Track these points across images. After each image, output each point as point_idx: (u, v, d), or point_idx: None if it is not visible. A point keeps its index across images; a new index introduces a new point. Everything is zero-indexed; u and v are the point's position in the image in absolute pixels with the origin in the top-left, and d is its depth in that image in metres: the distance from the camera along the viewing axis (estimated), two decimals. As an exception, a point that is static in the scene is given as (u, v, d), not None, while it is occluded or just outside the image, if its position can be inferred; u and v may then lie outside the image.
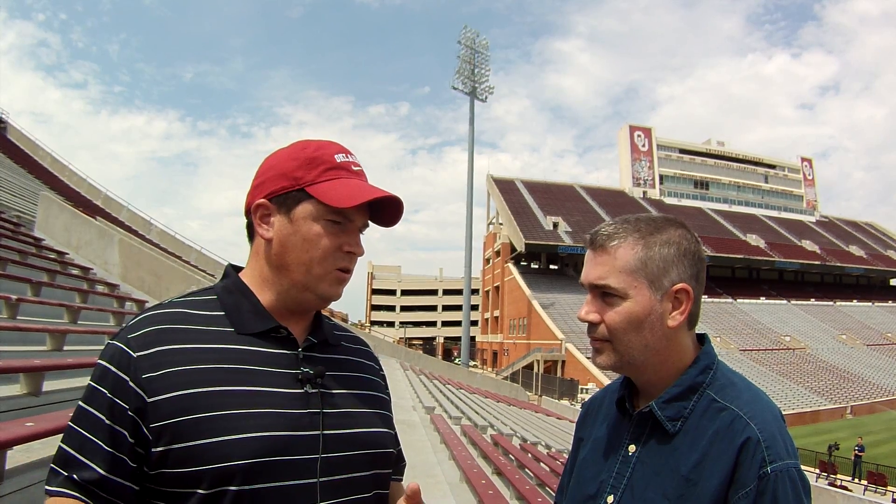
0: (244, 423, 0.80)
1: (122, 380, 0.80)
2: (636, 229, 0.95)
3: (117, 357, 0.82)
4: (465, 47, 53.94)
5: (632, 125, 71.59)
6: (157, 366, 0.81)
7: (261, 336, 0.88)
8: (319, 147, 0.92)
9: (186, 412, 0.79)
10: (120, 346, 0.83)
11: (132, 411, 0.79)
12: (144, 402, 0.79)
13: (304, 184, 0.88)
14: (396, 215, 0.95)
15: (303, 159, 0.90)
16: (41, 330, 5.65)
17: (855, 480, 19.16)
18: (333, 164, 0.91)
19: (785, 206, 76.59)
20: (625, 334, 0.94)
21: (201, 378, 0.81)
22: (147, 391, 0.80)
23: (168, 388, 0.80)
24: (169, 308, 0.88)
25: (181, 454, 0.78)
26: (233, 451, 0.78)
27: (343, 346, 1.00)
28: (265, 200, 0.90)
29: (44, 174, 24.25)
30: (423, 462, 6.92)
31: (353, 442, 0.88)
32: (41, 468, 2.86)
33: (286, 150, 0.93)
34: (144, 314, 0.87)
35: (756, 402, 0.92)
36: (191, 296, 0.91)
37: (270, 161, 0.93)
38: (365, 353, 1.04)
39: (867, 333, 53.56)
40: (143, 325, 0.85)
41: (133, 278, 11.27)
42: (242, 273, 0.95)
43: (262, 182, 0.91)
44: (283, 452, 0.81)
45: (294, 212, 0.88)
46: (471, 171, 52.57)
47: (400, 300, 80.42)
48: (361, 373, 0.99)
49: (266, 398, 0.83)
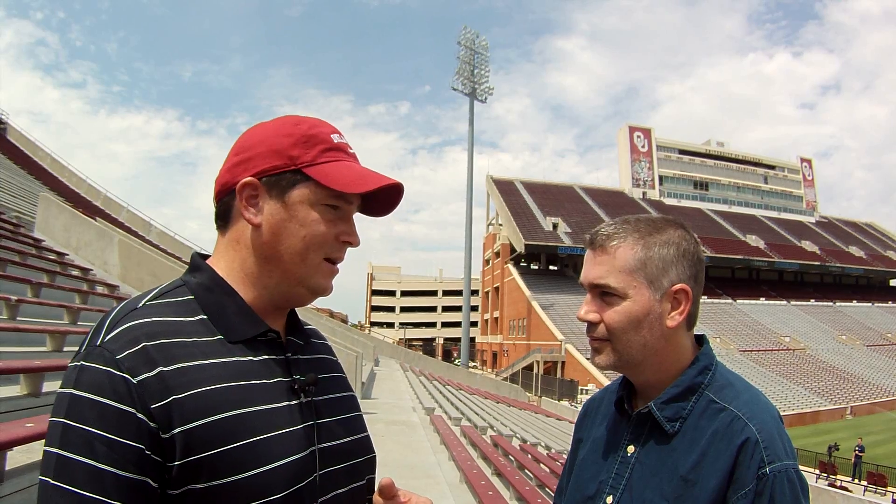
0: (276, 450, 0.71)
1: (126, 414, 0.64)
2: (636, 230, 0.96)
3: (108, 385, 0.64)
4: (464, 48, 53.98)
5: (631, 125, 71.58)
6: (165, 391, 0.66)
7: (250, 342, 0.77)
8: (314, 125, 0.82)
9: (218, 444, 0.67)
10: (107, 371, 0.65)
11: (151, 451, 0.65)
12: (160, 439, 0.65)
13: (301, 164, 0.78)
14: (392, 204, 0.86)
15: (298, 136, 0.79)
16: (41, 331, 5.65)
17: (855, 481, 19.14)
18: (332, 144, 0.81)
19: (784, 206, 76.60)
20: (624, 334, 0.94)
21: (216, 402, 0.69)
22: (161, 425, 0.65)
23: (187, 419, 0.66)
24: (148, 315, 0.72)
25: (211, 494, 0.66)
26: (273, 481, 0.69)
27: (313, 344, 0.91)
28: (254, 179, 0.77)
29: (43, 175, 24.25)
30: (423, 463, 6.92)
31: (345, 454, 0.82)
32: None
33: (274, 124, 0.82)
34: (122, 325, 0.70)
35: (755, 403, 0.92)
36: (163, 296, 0.76)
37: (255, 136, 0.80)
38: (328, 348, 0.95)
39: (867, 334, 53.54)
40: (129, 340, 0.68)
41: (132, 279, 11.26)
42: (215, 264, 0.81)
43: (248, 159, 0.79)
44: (303, 477, 0.74)
45: (289, 195, 0.78)
46: (470, 172, 52.62)
47: (400, 301, 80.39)
48: (334, 372, 0.92)
49: (278, 417, 0.74)
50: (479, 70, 54.40)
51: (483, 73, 54.48)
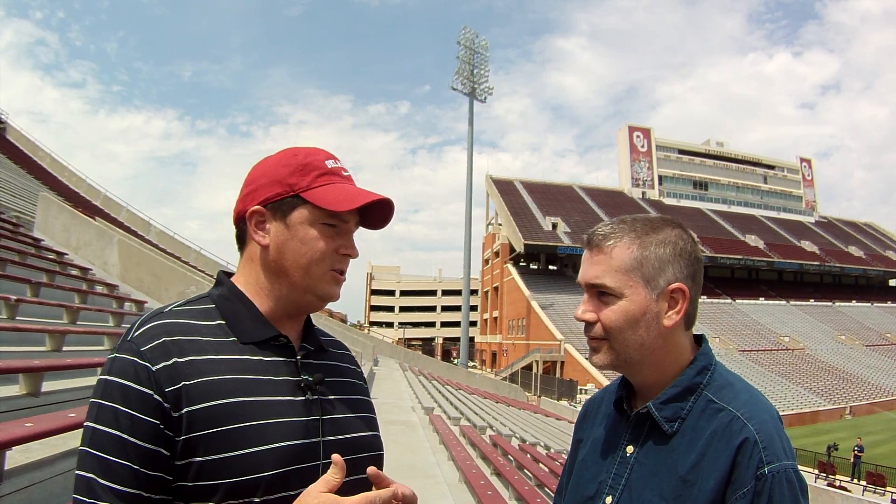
0: (268, 434, 0.80)
1: (145, 395, 0.77)
2: (632, 229, 0.96)
3: (133, 371, 0.79)
4: (464, 48, 53.97)
5: (631, 125, 71.61)
6: (177, 378, 0.79)
7: (261, 344, 0.88)
8: (310, 154, 0.93)
9: (215, 424, 0.78)
10: (132, 360, 0.79)
11: (164, 426, 0.77)
12: (171, 417, 0.78)
13: (298, 189, 0.89)
14: (386, 218, 0.96)
15: (295, 166, 0.91)
16: (40, 330, 5.65)
17: (854, 481, 19.16)
18: (325, 170, 0.92)
19: (784, 206, 76.64)
20: (621, 333, 0.94)
21: (221, 390, 0.80)
22: (172, 405, 0.78)
23: (193, 401, 0.79)
24: (172, 318, 0.85)
25: (208, 466, 0.77)
26: (262, 461, 0.79)
27: (331, 352, 1.01)
28: (260, 207, 0.90)
29: (43, 174, 24.25)
30: (423, 462, 6.93)
31: (350, 447, 0.89)
32: (40, 469, 2.86)
33: (275, 157, 0.94)
34: (148, 324, 0.84)
35: (754, 403, 0.92)
36: (188, 304, 0.90)
37: (260, 169, 0.93)
38: (349, 358, 1.06)
39: (866, 334, 53.59)
40: (152, 336, 0.82)
41: (132, 279, 11.27)
42: (236, 279, 0.94)
43: (255, 189, 0.91)
44: (297, 461, 0.82)
45: (290, 217, 0.89)
46: (470, 172, 52.60)
47: (399, 301, 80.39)
48: (349, 378, 1.00)
49: (278, 407, 0.83)
50: (478, 70, 54.42)
51: (483, 73, 54.50)
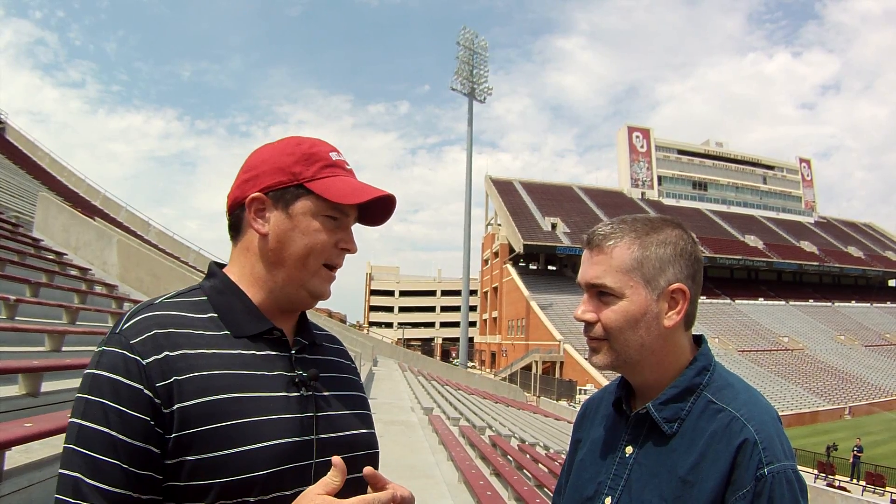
0: (263, 432, 0.78)
1: (135, 390, 0.74)
2: (633, 229, 0.96)
3: (123, 365, 0.75)
4: (463, 48, 54.02)
5: (630, 126, 71.66)
6: (169, 372, 0.76)
7: (255, 338, 0.85)
8: (314, 144, 0.91)
9: (208, 421, 0.75)
10: (122, 353, 0.76)
11: (154, 423, 0.74)
12: (162, 413, 0.74)
13: (303, 179, 0.87)
14: (386, 215, 0.94)
15: (299, 155, 0.88)
16: (40, 330, 5.64)
17: (853, 481, 19.17)
18: (330, 162, 0.90)
19: (783, 206, 76.72)
20: (621, 333, 0.94)
21: (214, 385, 0.77)
22: (164, 401, 0.74)
23: (185, 397, 0.75)
24: (163, 310, 0.82)
25: (201, 465, 0.74)
26: (257, 460, 0.76)
27: (325, 347, 0.98)
28: (261, 194, 0.87)
29: (42, 174, 24.23)
30: (422, 463, 6.93)
31: (344, 445, 0.87)
32: (40, 469, 2.86)
33: (277, 144, 0.91)
34: (137, 316, 0.80)
35: (753, 404, 0.92)
36: (178, 296, 0.86)
37: (261, 155, 0.90)
38: (343, 353, 1.03)
39: (865, 334, 53.62)
40: (142, 328, 0.78)
41: (131, 279, 11.26)
42: (228, 270, 0.91)
43: (255, 176, 0.88)
44: (292, 460, 0.80)
45: (293, 207, 0.86)
46: (469, 172, 52.66)
47: (398, 301, 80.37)
48: (343, 373, 0.98)
49: (273, 404, 0.81)
50: (478, 70, 54.48)
51: (482, 74, 54.57)
